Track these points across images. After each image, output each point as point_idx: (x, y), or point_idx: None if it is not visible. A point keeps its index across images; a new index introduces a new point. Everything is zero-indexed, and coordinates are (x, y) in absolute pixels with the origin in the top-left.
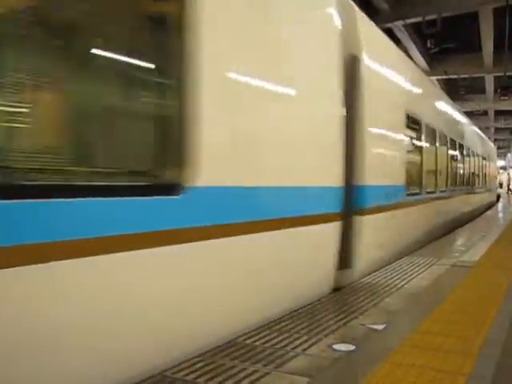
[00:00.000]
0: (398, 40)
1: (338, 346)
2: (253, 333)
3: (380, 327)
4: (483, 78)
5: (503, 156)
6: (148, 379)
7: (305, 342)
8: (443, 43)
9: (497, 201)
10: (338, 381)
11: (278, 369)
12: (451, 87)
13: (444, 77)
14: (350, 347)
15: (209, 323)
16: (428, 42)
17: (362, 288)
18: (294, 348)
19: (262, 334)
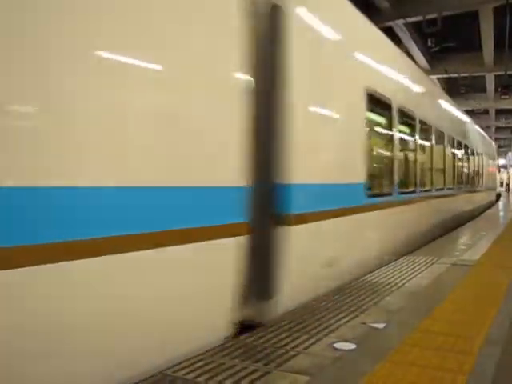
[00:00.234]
0: (399, 39)
1: (338, 345)
2: (252, 332)
3: (380, 326)
4: (484, 76)
5: (504, 155)
6: (149, 378)
7: (305, 340)
8: (444, 42)
9: (496, 200)
10: (339, 379)
11: (278, 368)
12: (452, 86)
13: (444, 76)
14: (351, 346)
15: None
16: (428, 40)
17: (362, 287)
18: (294, 347)
19: (261, 333)
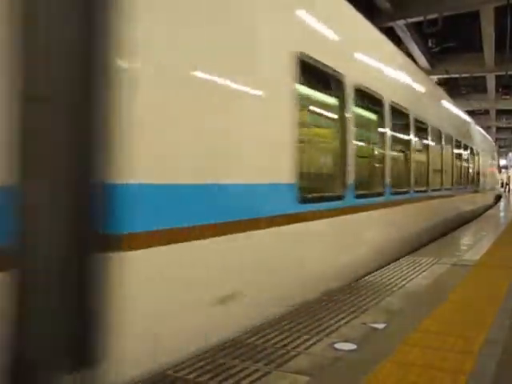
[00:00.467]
0: (400, 39)
1: (339, 345)
2: (253, 332)
3: (381, 326)
4: (484, 77)
5: (505, 155)
6: (149, 378)
7: (306, 341)
8: (444, 42)
9: (496, 202)
10: (339, 380)
11: (278, 368)
12: (452, 86)
13: (445, 76)
14: (351, 346)
15: None
16: (429, 41)
17: (363, 287)
18: (294, 347)
19: (262, 333)
